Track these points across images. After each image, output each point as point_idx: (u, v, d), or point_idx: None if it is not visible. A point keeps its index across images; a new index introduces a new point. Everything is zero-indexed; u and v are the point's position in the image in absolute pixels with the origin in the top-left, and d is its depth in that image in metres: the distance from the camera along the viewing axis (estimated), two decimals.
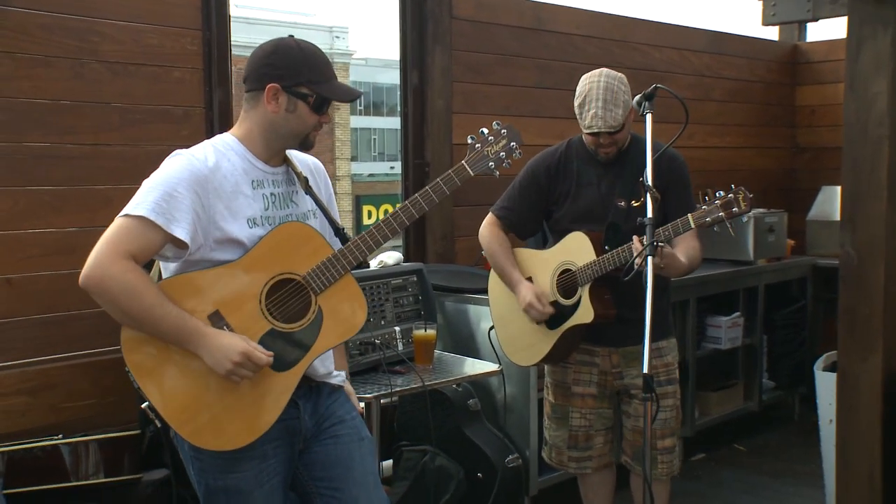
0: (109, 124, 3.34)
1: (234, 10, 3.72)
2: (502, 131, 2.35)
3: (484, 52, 4.66)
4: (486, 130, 2.34)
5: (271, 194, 2.25)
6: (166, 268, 2.22)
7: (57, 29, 3.19)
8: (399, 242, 4.64)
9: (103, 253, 2.07)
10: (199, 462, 2.24)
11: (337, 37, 30.43)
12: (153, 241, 2.09)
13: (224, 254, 2.17)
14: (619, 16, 5.42)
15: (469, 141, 2.33)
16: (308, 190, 2.33)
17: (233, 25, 3.72)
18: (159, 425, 2.14)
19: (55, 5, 3.18)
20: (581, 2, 5.24)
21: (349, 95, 2.27)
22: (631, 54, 5.36)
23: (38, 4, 3.15)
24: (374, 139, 34.88)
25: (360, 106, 34.29)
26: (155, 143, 3.40)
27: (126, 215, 2.10)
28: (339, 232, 2.34)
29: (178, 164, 2.15)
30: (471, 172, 2.32)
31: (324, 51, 2.38)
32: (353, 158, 31.65)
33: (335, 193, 2.56)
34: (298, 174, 2.32)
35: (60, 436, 2.87)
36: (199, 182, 2.13)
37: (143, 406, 2.18)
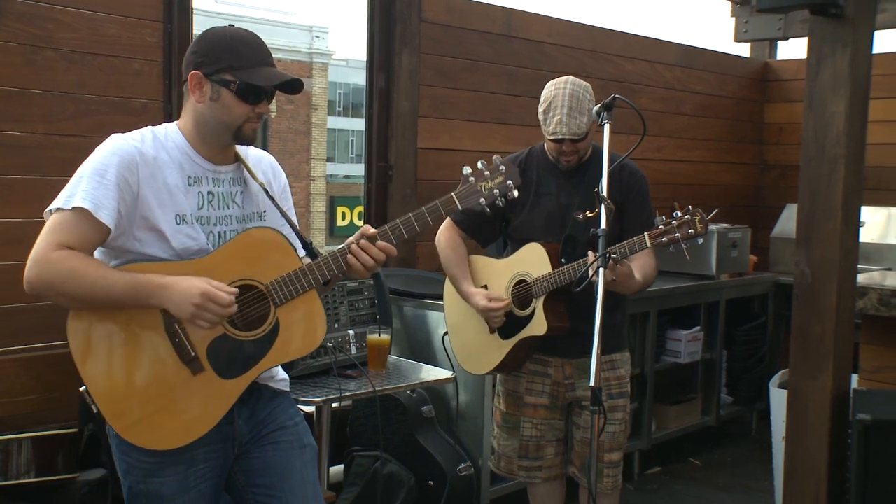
0: (63, 113, 3.27)
1: (212, 6, 3.67)
2: (500, 167, 2.21)
3: (453, 56, 4.63)
4: (483, 163, 2.21)
5: (209, 192, 2.18)
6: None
7: (9, 13, 3.12)
8: None
9: (38, 250, 2.03)
10: (125, 463, 2.19)
11: (317, 37, 30.30)
12: (88, 230, 2.04)
13: (146, 246, 2.10)
14: (591, 26, 5.42)
15: (464, 172, 2.21)
16: (272, 199, 2.25)
17: (212, 21, 3.68)
18: (95, 411, 2.07)
19: None
20: (553, 10, 5.23)
21: (275, 79, 2.12)
22: (602, 65, 5.36)
23: None
24: (352, 140, 34.80)
25: (339, 107, 34.20)
26: (110, 135, 3.33)
27: (59, 209, 2.04)
28: (307, 246, 2.25)
29: (110, 149, 2.09)
30: (459, 206, 2.20)
31: (303, 50, 2.28)
32: (330, 159, 31.55)
33: (310, 194, 2.48)
34: (261, 184, 2.24)
35: None
36: (130, 167, 2.06)
37: (81, 389, 2.10)
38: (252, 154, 2.33)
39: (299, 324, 2.15)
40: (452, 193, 2.20)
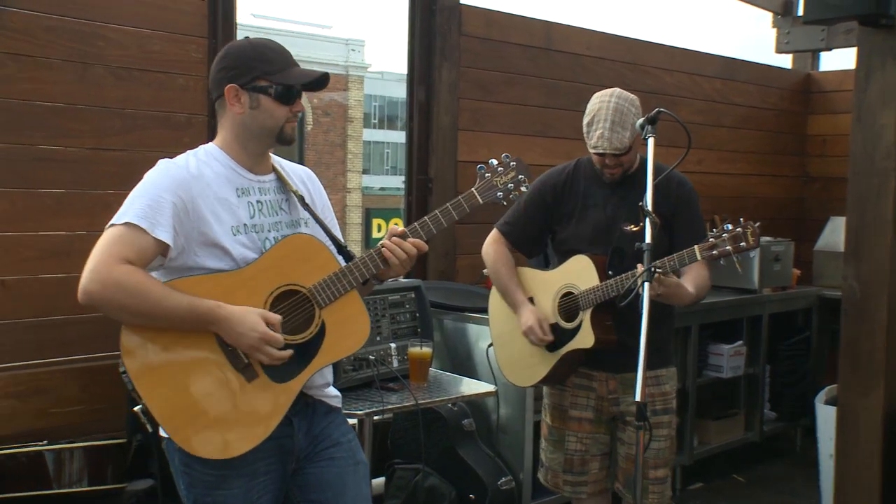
0: (111, 129, 3.33)
1: (250, 21, 3.72)
2: (511, 163, 2.35)
3: (492, 69, 4.64)
4: (495, 161, 2.35)
5: (258, 202, 2.23)
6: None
7: (62, 32, 3.19)
8: None
9: (99, 262, 2.04)
10: (188, 476, 2.19)
11: (353, 50, 30.52)
12: (145, 246, 2.07)
13: (208, 260, 2.14)
14: (630, 38, 5.41)
15: (478, 170, 2.34)
16: (306, 207, 2.30)
17: (249, 35, 3.72)
18: (150, 430, 2.10)
19: (61, 8, 3.18)
20: (593, 23, 5.24)
21: (307, 77, 2.21)
22: (642, 77, 5.34)
23: (45, 7, 3.15)
24: (388, 153, 34.94)
25: (375, 119, 34.39)
26: (156, 149, 3.36)
27: (112, 225, 2.08)
28: (342, 249, 2.32)
29: (160, 172, 2.14)
30: (480, 200, 2.32)
31: (339, 63, 2.34)
32: (365, 171, 31.70)
33: (346, 206, 2.53)
34: (294, 192, 2.29)
35: (45, 442, 2.83)
36: (183, 186, 2.11)
37: (135, 409, 2.13)
38: (288, 167, 2.38)
39: (344, 323, 2.21)
40: (473, 189, 2.32)
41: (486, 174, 2.33)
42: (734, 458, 5.19)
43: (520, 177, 2.35)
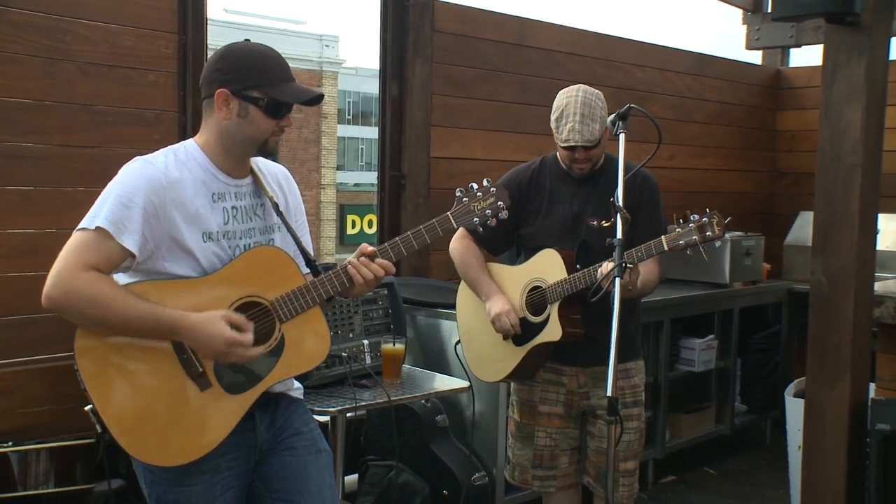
0: (79, 125, 3.29)
1: (223, 16, 3.68)
2: (491, 189, 2.33)
3: (465, 65, 4.64)
4: (475, 185, 2.32)
5: (233, 207, 2.20)
6: (120, 278, 2.17)
7: (28, 27, 3.15)
8: None
9: (64, 268, 2.02)
10: (150, 473, 2.19)
11: (327, 45, 30.40)
12: (111, 251, 2.05)
13: (176, 266, 2.12)
14: (602, 34, 5.43)
15: (457, 193, 2.32)
16: (280, 214, 2.28)
17: (221, 31, 3.70)
18: (100, 430, 2.09)
19: (28, 3, 3.14)
20: (565, 19, 5.26)
21: (302, 97, 2.17)
22: (613, 73, 5.36)
23: (10, 1, 3.10)
24: (362, 149, 34.85)
25: (349, 115, 34.29)
26: (126, 146, 3.35)
27: (83, 229, 2.05)
28: (310, 263, 2.29)
29: (134, 173, 2.10)
30: (454, 224, 2.30)
31: (313, 59, 2.31)
32: (339, 167, 31.61)
33: (320, 202, 2.51)
34: (270, 197, 2.27)
35: (10, 443, 2.80)
36: (156, 191, 2.08)
37: (86, 409, 2.12)
38: (264, 166, 2.35)
39: (304, 340, 2.20)
40: (448, 213, 2.30)
41: (464, 199, 2.31)
42: (705, 451, 5.25)
43: (499, 203, 2.32)
